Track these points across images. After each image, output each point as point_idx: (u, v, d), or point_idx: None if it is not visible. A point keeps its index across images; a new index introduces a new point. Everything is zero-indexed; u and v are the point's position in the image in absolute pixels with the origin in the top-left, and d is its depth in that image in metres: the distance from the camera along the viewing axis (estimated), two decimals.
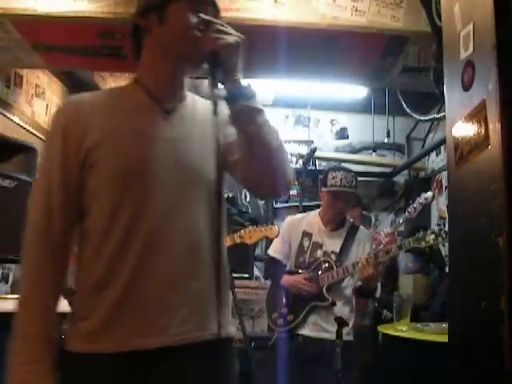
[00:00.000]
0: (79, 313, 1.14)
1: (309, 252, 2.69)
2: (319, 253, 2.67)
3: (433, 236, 2.48)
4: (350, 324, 2.58)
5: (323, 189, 2.76)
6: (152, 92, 1.22)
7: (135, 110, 1.20)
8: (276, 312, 2.69)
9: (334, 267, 2.58)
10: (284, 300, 2.66)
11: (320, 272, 2.60)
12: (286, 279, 2.66)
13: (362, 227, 2.81)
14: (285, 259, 2.77)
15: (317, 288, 2.57)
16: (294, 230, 2.79)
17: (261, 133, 1.14)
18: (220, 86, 1.13)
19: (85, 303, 1.13)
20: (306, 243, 2.71)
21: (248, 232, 2.86)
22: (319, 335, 2.54)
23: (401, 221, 3.21)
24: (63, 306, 1.19)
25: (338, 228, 2.73)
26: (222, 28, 1.12)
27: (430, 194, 2.90)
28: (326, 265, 2.61)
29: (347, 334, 2.51)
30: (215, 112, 1.10)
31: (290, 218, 2.91)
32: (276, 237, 2.82)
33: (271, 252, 2.84)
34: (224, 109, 1.14)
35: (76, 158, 1.14)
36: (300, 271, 2.67)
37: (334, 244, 2.68)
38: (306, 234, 2.73)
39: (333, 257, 2.64)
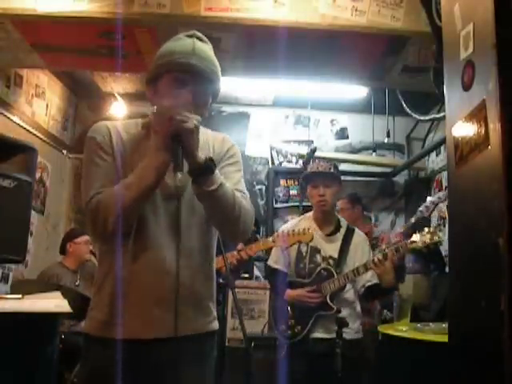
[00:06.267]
0: None
1: (308, 257, 2.67)
2: (318, 258, 2.65)
3: (429, 236, 2.48)
4: (356, 325, 2.60)
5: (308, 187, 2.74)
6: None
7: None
8: (283, 324, 2.66)
9: (335, 275, 2.58)
10: (289, 311, 2.65)
11: (321, 281, 2.59)
12: (289, 294, 2.64)
13: (357, 230, 2.78)
14: (285, 268, 2.74)
15: (321, 298, 2.57)
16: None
17: (214, 204, 1.37)
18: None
19: None
20: (303, 249, 2.68)
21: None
22: (330, 335, 2.50)
23: (413, 220, 3.20)
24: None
25: (334, 232, 2.71)
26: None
27: (442, 192, 2.90)
28: (326, 273, 2.60)
29: (356, 332, 2.58)
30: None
31: (283, 228, 2.82)
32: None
33: (271, 263, 2.80)
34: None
35: None
36: (302, 281, 2.65)
37: (331, 249, 2.66)
38: None
39: (331, 262, 2.63)
